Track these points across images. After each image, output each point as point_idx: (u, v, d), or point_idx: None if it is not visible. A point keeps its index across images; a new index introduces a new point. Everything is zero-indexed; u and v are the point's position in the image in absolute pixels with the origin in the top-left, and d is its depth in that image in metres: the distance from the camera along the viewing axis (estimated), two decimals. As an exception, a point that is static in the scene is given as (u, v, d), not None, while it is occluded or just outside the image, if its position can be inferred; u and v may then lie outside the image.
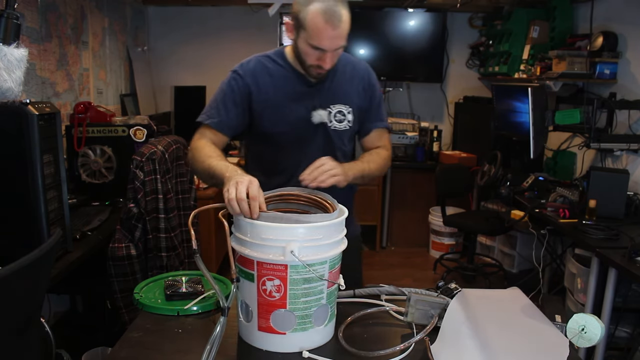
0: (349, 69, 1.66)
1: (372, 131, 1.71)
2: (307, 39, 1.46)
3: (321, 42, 1.44)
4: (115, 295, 2.03)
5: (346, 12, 1.45)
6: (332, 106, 1.61)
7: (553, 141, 3.83)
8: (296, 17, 1.48)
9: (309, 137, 1.62)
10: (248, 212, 1.18)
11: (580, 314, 1.22)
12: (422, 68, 4.74)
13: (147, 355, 1.18)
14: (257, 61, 1.63)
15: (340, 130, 1.63)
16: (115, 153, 2.60)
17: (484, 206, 4.07)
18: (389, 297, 1.47)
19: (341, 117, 1.63)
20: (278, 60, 1.62)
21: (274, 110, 1.59)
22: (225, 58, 4.81)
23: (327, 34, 1.43)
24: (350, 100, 1.64)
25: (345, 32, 1.45)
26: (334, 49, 1.47)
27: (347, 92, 1.63)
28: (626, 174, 2.76)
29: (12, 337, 0.99)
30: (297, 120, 1.59)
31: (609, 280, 2.31)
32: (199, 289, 1.44)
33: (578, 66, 3.31)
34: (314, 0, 1.43)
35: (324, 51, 1.46)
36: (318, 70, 1.52)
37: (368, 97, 1.68)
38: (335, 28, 1.43)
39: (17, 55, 1.46)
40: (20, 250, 0.96)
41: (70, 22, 3.13)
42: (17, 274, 0.91)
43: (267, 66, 1.61)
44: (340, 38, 1.45)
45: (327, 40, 1.44)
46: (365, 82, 1.68)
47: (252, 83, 1.58)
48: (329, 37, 1.43)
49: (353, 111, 1.64)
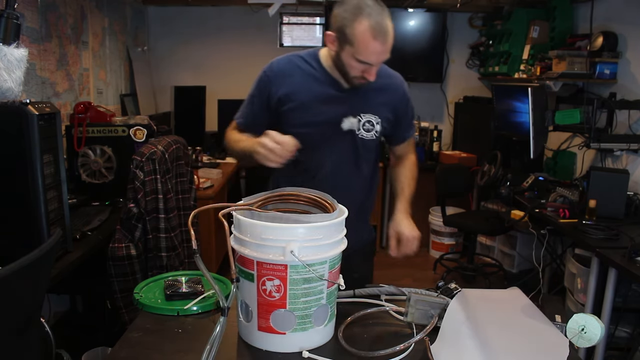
0: (384, 80, 1.64)
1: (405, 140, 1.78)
2: (353, 54, 1.44)
3: (369, 58, 1.44)
4: (115, 295, 2.03)
5: (391, 24, 1.43)
6: (362, 115, 1.61)
7: (553, 141, 3.83)
8: (341, 31, 1.44)
9: (336, 141, 1.62)
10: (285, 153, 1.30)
11: (580, 314, 1.22)
12: (422, 68, 4.74)
13: (147, 355, 1.18)
14: (289, 61, 1.62)
15: (366, 139, 1.64)
16: (115, 153, 2.60)
17: (484, 206, 4.07)
18: (389, 297, 1.47)
19: (369, 127, 1.63)
20: (311, 62, 1.60)
21: (302, 110, 1.59)
22: (225, 58, 4.83)
23: (375, 50, 1.42)
24: (380, 111, 1.63)
25: (391, 45, 1.44)
26: (380, 63, 1.48)
27: (378, 103, 1.63)
28: (626, 174, 2.76)
29: (12, 337, 0.99)
30: (326, 124, 1.59)
31: (609, 280, 2.31)
32: (199, 289, 1.44)
33: (578, 66, 3.31)
34: (361, 15, 1.40)
35: (371, 65, 1.46)
36: (362, 81, 1.52)
37: (402, 110, 1.70)
38: (384, 43, 1.42)
39: (17, 55, 1.46)
40: (20, 250, 0.96)
41: (70, 22, 3.13)
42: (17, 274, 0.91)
43: (299, 66, 1.60)
44: (388, 52, 1.45)
45: (375, 56, 1.44)
46: (399, 94, 1.69)
47: (279, 85, 1.58)
48: (377, 52, 1.43)
49: (381, 122, 1.64)
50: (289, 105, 1.59)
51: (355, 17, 1.40)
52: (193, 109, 4.44)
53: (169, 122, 4.34)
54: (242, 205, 1.25)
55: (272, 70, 1.60)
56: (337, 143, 1.62)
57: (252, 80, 1.66)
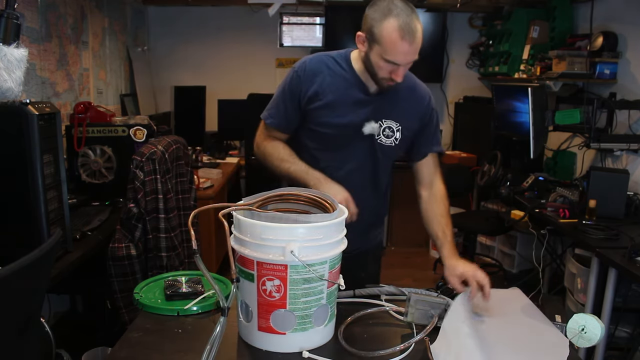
0: (409, 89, 1.65)
1: (428, 155, 1.70)
2: (381, 54, 1.45)
3: (396, 58, 1.44)
4: (115, 295, 2.03)
5: (420, 25, 1.44)
6: (383, 120, 1.61)
7: (553, 141, 3.83)
8: (370, 31, 1.46)
9: (356, 144, 1.62)
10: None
11: (580, 314, 1.22)
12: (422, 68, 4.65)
13: (147, 355, 1.18)
14: (320, 60, 1.61)
15: (385, 145, 1.63)
16: (115, 153, 2.60)
17: (484, 206, 4.07)
18: (389, 297, 1.47)
19: (389, 133, 1.62)
20: (342, 63, 1.61)
21: (328, 110, 1.59)
22: (225, 58, 4.83)
23: (402, 50, 1.43)
24: (402, 118, 1.62)
25: (420, 46, 1.45)
26: (408, 63, 1.48)
27: (401, 110, 1.62)
28: (626, 174, 2.76)
29: (12, 337, 0.99)
30: (348, 125, 1.59)
31: (609, 280, 2.31)
32: (199, 289, 1.44)
33: (578, 66, 3.31)
34: (390, 15, 1.41)
35: (398, 65, 1.46)
36: (389, 82, 1.51)
37: (424, 121, 1.67)
38: (412, 44, 1.42)
39: (17, 55, 1.46)
40: (20, 250, 0.96)
41: (70, 22, 3.13)
42: (17, 274, 0.90)
43: (329, 67, 1.60)
44: (415, 53, 1.45)
45: (402, 56, 1.44)
46: (424, 105, 1.67)
47: (310, 83, 1.58)
48: (404, 52, 1.43)
49: (402, 130, 1.63)
50: (316, 103, 1.59)
51: (384, 17, 1.42)
52: (193, 109, 4.44)
53: (169, 122, 4.35)
54: (242, 205, 1.25)
55: (303, 69, 1.59)
56: (356, 146, 1.62)
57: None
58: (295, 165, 1.56)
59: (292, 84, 1.60)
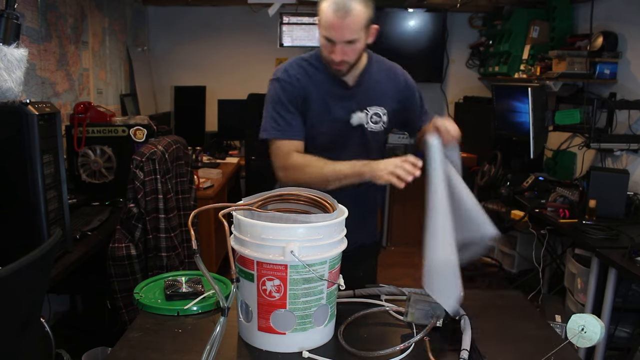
0: (384, 72, 1.70)
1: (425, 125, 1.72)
2: (321, 32, 1.52)
3: (329, 33, 1.49)
4: (115, 295, 2.03)
5: (359, 7, 1.47)
6: (368, 108, 1.65)
7: (553, 141, 3.83)
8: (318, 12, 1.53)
9: (347, 137, 1.65)
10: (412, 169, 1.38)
11: (580, 314, 1.22)
12: (422, 68, 4.73)
13: (147, 355, 1.18)
14: (297, 65, 1.64)
15: (375, 131, 1.68)
16: (115, 153, 2.60)
17: (484, 206, 4.04)
18: (389, 297, 1.47)
19: (377, 119, 1.67)
20: (315, 63, 1.64)
21: (317, 111, 1.62)
22: (225, 58, 4.83)
23: (334, 24, 1.47)
24: (385, 102, 1.67)
25: (354, 25, 1.47)
26: (343, 41, 1.49)
27: (382, 94, 1.67)
28: (626, 174, 2.76)
29: (12, 337, 0.99)
30: (337, 121, 1.62)
31: (609, 280, 2.31)
32: (199, 289, 1.44)
33: (578, 66, 3.31)
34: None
35: (334, 42, 1.50)
36: (333, 65, 1.55)
37: (408, 97, 1.73)
38: (342, 19, 1.45)
39: (17, 55, 1.46)
40: (20, 250, 0.96)
41: (70, 22, 3.13)
42: (17, 274, 0.90)
43: (306, 69, 1.63)
44: (348, 30, 1.47)
45: (334, 31, 1.48)
46: (402, 82, 1.73)
47: (298, 88, 1.61)
48: (335, 28, 1.47)
49: (388, 113, 1.68)
50: (306, 107, 1.61)
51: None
52: (193, 109, 4.44)
53: (169, 122, 4.34)
54: (242, 205, 1.25)
55: (288, 76, 1.61)
56: (349, 139, 1.66)
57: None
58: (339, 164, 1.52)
59: (285, 93, 1.60)
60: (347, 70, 1.59)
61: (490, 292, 2.58)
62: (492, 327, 1.34)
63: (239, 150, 4.62)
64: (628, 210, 2.75)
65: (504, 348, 1.24)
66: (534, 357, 1.18)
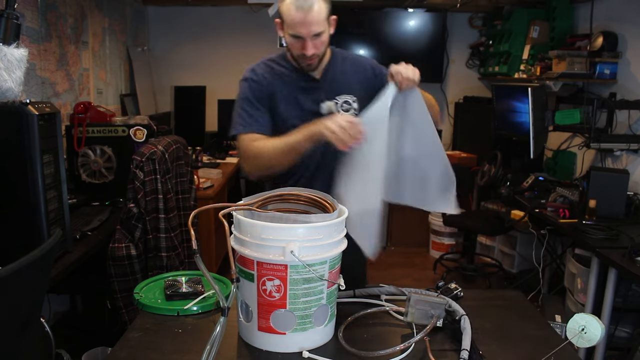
0: (349, 63, 1.75)
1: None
2: (287, 30, 1.57)
3: (296, 29, 1.54)
4: (115, 295, 2.03)
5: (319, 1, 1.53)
6: (337, 97, 1.69)
7: (553, 141, 3.83)
8: (280, 14, 1.59)
9: None
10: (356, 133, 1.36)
11: (580, 314, 1.22)
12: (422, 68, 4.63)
13: (147, 355, 1.18)
14: (264, 65, 1.71)
15: None
16: (115, 153, 2.60)
17: (484, 206, 4.07)
18: (389, 297, 1.47)
19: (347, 107, 1.69)
20: (281, 62, 1.71)
21: (285, 107, 1.67)
22: (225, 58, 4.83)
23: (299, 20, 1.52)
24: (353, 90, 1.71)
25: (317, 18, 1.53)
26: (311, 35, 1.55)
27: (349, 83, 1.71)
28: (626, 174, 2.76)
29: (12, 337, 0.99)
30: (308, 113, 1.65)
31: (609, 280, 2.31)
32: (199, 289, 1.44)
33: (578, 66, 3.31)
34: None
35: (303, 39, 1.55)
36: (305, 60, 1.60)
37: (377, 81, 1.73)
38: (306, 14, 1.51)
39: (17, 55, 1.46)
40: (20, 250, 0.96)
41: (70, 22, 3.13)
42: (17, 274, 0.90)
43: (273, 68, 1.70)
44: (314, 24, 1.53)
45: (301, 27, 1.53)
46: (369, 70, 1.76)
47: (266, 86, 1.67)
48: (302, 24, 1.53)
49: (358, 100, 1.71)
50: (275, 104, 1.67)
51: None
52: (193, 109, 4.44)
53: (169, 122, 4.35)
54: (242, 205, 1.25)
55: (255, 75, 1.68)
56: None
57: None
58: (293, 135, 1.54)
59: (253, 92, 1.66)
60: (318, 63, 1.65)
61: (490, 292, 2.58)
62: (492, 327, 1.34)
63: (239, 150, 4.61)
64: (628, 210, 2.75)
65: (504, 348, 1.24)
66: (534, 357, 1.18)
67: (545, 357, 1.17)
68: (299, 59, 1.62)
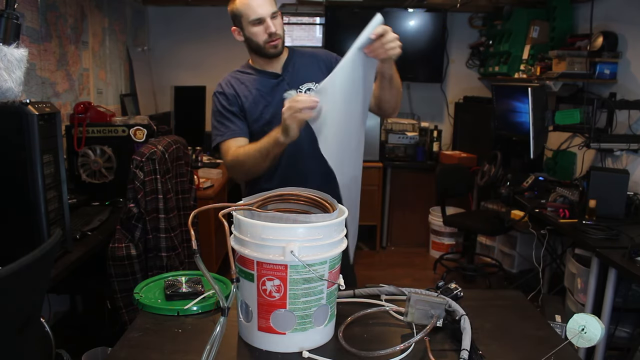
0: (307, 55, 1.88)
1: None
2: (247, 21, 1.70)
3: (257, 12, 1.68)
4: (115, 295, 2.03)
5: None
6: (300, 86, 1.79)
7: (553, 141, 3.83)
8: (234, 17, 1.75)
9: None
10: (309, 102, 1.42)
11: (580, 314, 1.22)
12: (422, 68, 4.74)
13: (147, 355, 1.18)
14: (231, 77, 1.85)
15: None
16: (115, 153, 2.60)
17: (484, 206, 4.07)
18: (389, 297, 1.47)
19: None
20: (245, 69, 1.86)
21: (255, 105, 1.76)
22: (225, 58, 4.81)
23: (256, 4, 1.68)
24: (316, 77, 1.76)
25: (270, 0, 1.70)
26: (271, 14, 1.70)
27: (310, 73, 1.81)
28: (626, 174, 2.76)
29: (11, 337, 0.99)
30: (275, 106, 1.73)
31: (609, 280, 2.31)
32: (199, 289, 1.44)
33: (578, 66, 3.31)
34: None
35: (264, 20, 1.69)
36: (271, 41, 1.72)
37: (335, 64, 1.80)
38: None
39: (17, 55, 1.46)
40: (20, 250, 0.96)
41: (70, 22, 3.13)
42: (17, 274, 0.90)
43: (238, 78, 1.83)
44: (269, 4, 1.70)
45: (259, 8, 1.69)
46: (328, 59, 1.84)
47: (234, 94, 1.79)
48: (259, 5, 1.69)
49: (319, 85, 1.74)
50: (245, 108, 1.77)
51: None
52: (193, 109, 4.44)
53: (169, 122, 4.34)
54: (242, 205, 1.25)
55: (223, 88, 1.81)
56: None
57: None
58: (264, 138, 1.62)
59: (222, 103, 1.78)
60: (282, 47, 1.77)
61: (490, 292, 2.58)
62: (492, 327, 1.34)
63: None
64: (628, 210, 2.75)
65: (504, 348, 1.24)
66: (534, 357, 1.18)
67: (545, 357, 1.17)
68: (265, 47, 1.73)
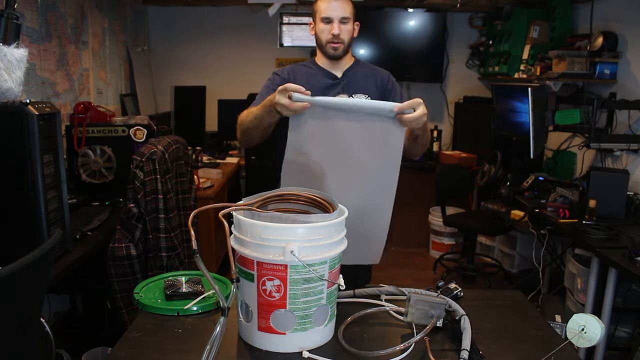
0: (369, 69, 1.96)
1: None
2: (319, 17, 1.83)
3: (327, 12, 1.81)
4: (115, 295, 2.03)
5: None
6: (354, 94, 1.87)
7: (553, 141, 3.83)
8: (313, 11, 1.88)
9: None
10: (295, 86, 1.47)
11: (580, 314, 1.22)
12: (422, 68, 4.74)
13: (147, 355, 1.18)
14: (292, 66, 1.96)
15: None
16: (115, 153, 2.60)
17: (484, 206, 4.07)
18: (389, 297, 1.47)
19: None
20: (308, 64, 1.95)
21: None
22: (225, 58, 4.83)
23: (330, 5, 1.81)
24: (369, 91, 1.88)
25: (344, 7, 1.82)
26: (340, 18, 1.81)
27: (366, 85, 1.90)
28: (626, 174, 2.76)
29: (12, 336, 0.99)
30: None
31: (609, 280, 2.31)
32: (199, 289, 1.44)
33: (578, 66, 3.31)
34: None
35: (332, 21, 1.81)
36: (333, 43, 1.83)
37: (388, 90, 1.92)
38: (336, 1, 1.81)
39: (17, 55, 1.46)
40: (20, 250, 0.96)
41: (70, 22, 3.13)
42: (17, 274, 0.90)
43: (300, 68, 1.93)
44: (341, 9, 1.81)
45: (332, 10, 1.81)
46: (385, 81, 1.93)
47: (289, 79, 1.86)
48: (332, 7, 1.81)
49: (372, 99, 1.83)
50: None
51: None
52: (193, 109, 4.44)
53: (169, 122, 4.34)
54: (242, 205, 1.25)
55: (282, 72, 1.91)
56: None
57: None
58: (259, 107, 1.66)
59: (275, 84, 1.81)
60: (342, 52, 1.86)
61: (490, 292, 2.58)
62: (492, 327, 1.34)
63: (239, 150, 4.62)
64: (628, 210, 2.75)
65: (504, 348, 1.24)
66: (534, 357, 1.18)
67: (545, 357, 1.17)
68: (327, 46, 1.84)
